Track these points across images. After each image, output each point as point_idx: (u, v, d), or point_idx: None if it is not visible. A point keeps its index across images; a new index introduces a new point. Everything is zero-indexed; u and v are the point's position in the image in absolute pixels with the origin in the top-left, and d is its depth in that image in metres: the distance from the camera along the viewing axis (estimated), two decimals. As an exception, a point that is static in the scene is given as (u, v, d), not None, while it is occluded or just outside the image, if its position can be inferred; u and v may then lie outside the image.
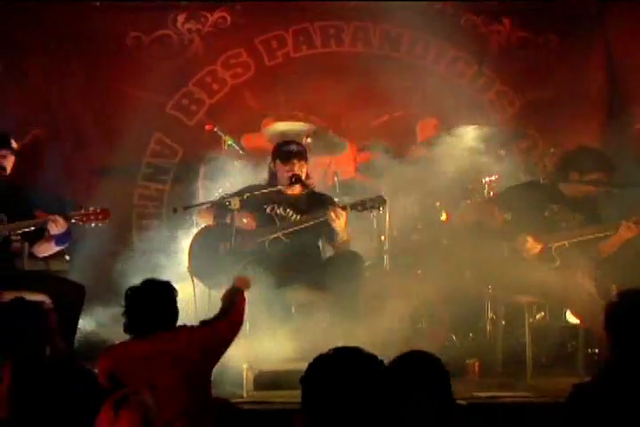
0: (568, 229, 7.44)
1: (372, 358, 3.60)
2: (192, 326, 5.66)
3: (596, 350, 7.52)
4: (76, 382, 5.56)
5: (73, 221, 7.04)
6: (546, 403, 6.34)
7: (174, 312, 5.58)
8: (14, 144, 7.31)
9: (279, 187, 7.52)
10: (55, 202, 8.55)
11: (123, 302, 5.54)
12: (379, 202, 7.27)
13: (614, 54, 9.66)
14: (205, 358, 5.49)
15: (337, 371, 3.54)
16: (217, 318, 5.73)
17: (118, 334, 5.66)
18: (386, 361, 6.48)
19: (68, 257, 8.50)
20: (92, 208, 7.14)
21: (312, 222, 7.30)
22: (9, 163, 7.20)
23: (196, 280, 7.51)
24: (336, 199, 7.73)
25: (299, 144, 7.69)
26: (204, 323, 5.69)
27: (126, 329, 5.52)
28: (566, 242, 7.34)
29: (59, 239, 7.10)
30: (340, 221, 7.19)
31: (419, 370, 3.93)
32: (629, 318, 4.38)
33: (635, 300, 4.46)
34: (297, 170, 7.45)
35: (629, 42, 9.53)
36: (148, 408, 4.41)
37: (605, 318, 4.45)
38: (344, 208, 7.23)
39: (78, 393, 5.21)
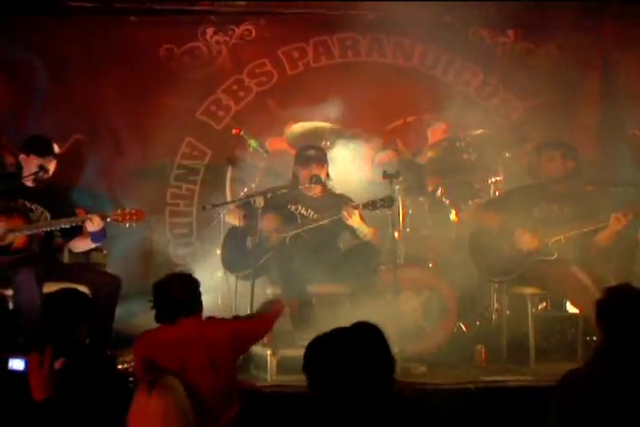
0: (559, 224, 7.42)
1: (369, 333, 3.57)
2: (222, 318, 5.67)
3: (594, 338, 7.48)
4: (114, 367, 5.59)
5: (109, 220, 7.05)
6: (548, 387, 6.29)
7: (196, 301, 5.59)
8: (56, 149, 7.34)
9: (300, 187, 7.54)
10: (94, 201, 8.58)
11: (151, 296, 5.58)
12: (388, 201, 7.26)
13: (609, 64, 9.62)
14: (233, 347, 5.50)
15: (333, 347, 3.52)
16: (251, 316, 5.76)
17: (150, 322, 5.67)
18: (398, 348, 6.48)
19: (105, 251, 8.51)
20: (127, 209, 7.15)
21: (328, 220, 7.31)
22: (52, 166, 7.24)
23: (227, 272, 7.65)
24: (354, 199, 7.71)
25: (318, 149, 7.72)
26: (235, 318, 5.71)
27: (156, 319, 5.55)
28: (562, 236, 7.32)
29: (94, 237, 7.12)
30: (352, 219, 7.19)
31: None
32: (615, 313, 4.38)
33: (619, 296, 4.47)
34: (314, 173, 7.46)
35: (623, 53, 9.49)
36: (176, 390, 4.42)
37: (595, 312, 4.45)
38: (356, 207, 7.23)
39: (115, 378, 5.24)
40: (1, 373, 4.89)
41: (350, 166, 8.83)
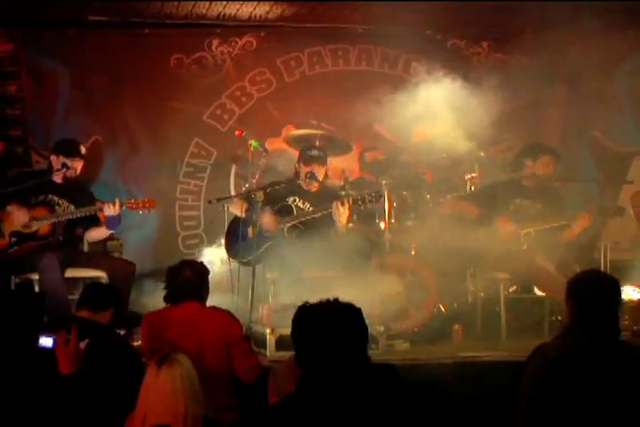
0: (531, 218, 7.45)
1: (348, 308, 3.54)
2: (224, 310, 5.65)
3: (559, 318, 7.51)
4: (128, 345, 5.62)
5: (124, 207, 7.09)
6: (518, 361, 6.31)
7: (202, 287, 5.60)
8: (83, 150, 7.37)
9: (298, 182, 7.56)
10: (112, 195, 8.59)
11: (164, 278, 5.60)
12: (376, 197, 7.29)
13: (573, 73, 9.63)
14: (224, 339, 5.44)
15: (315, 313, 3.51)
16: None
17: (161, 304, 5.70)
18: (384, 326, 6.48)
19: (121, 240, 8.52)
20: (141, 198, 7.22)
21: (321, 213, 7.33)
22: (79, 166, 7.27)
23: (230, 259, 7.64)
24: (343, 193, 7.73)
25: (319, 150, 7.72)
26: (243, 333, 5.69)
27: (164, 298, 5.57)
28: (532, 229, 7.37)
29: (110, 223, 7.16)
30: (340, 211, 7.19)
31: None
32: (583, 293, 4.40)
33: (586, 279, 4.49)
34: (314, 170, 7.47)
35: (585, 63, 9.50)
36: (184, 365, 4.44)
37: (566, 292, 4.47)
38: (347, 201, 7.23)
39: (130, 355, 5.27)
40: (32, 349, 4.91)
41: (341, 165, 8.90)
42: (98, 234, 7.37)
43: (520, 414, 4.29)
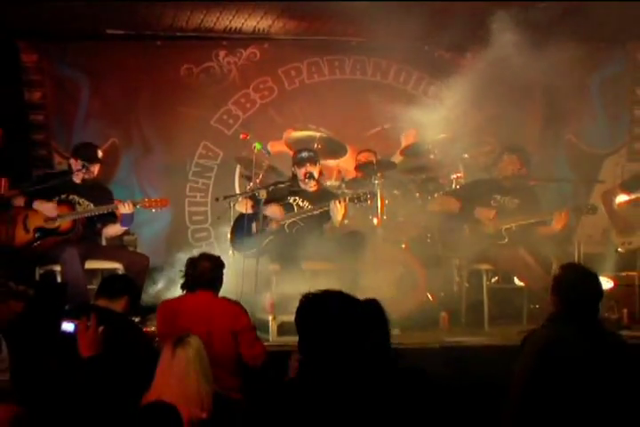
0: (510, 213, 7.47)
1: (348, 298, 3.53)
2: (234, 301, 5.66)
3: (537, 306, 7.53)
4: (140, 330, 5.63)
5: (138, 206, 7.11)
6: (498, 346, 6.38)
7: (217, 278, 5.62)
8: (100, 154, 7.38)
9: (298, 182, 7.56)
10: (127, 193, 8.61)
11: (183, 268, 5.64)
12: (369, 195, 7.30)
13: (549, 82, 9.62)
14: (232, 327, 5.46)
15: (320, 303, 3.50)
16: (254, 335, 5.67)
17: (171, 293, 5.70)
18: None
19: (136, 235, 8.53)
20: (154, 198, 7.24)
21: (319, 211, 7.34)
22: (96, 169, 7.29)
23: (235, 252, 7.64)
24: (339, 192, 7.75)
25: (310, 151, 7.71)
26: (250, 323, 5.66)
27: (181, 286, 5.61)
28: (512, 225, 7.39)
29: (124, 220, 7.19)
30: (338, 209, 7.20)
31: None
32: (568, 286, 4.41)
33: (572, 272, 4.49)
34: (308, 170, 7.48)
35: (560, 71, 9.50)
36: (196, 347, 4.47)
37: (552, 288, 4.47)
38: (344, 200, 7.25)
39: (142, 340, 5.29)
40: (54, 334, 4.93)
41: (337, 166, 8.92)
42: (113, 230, 7.40)
43: (513, 402, 4.27)
